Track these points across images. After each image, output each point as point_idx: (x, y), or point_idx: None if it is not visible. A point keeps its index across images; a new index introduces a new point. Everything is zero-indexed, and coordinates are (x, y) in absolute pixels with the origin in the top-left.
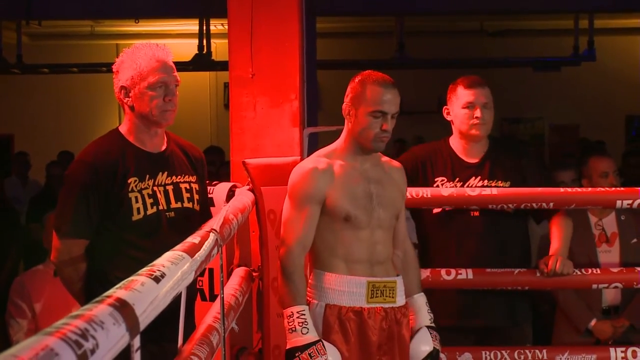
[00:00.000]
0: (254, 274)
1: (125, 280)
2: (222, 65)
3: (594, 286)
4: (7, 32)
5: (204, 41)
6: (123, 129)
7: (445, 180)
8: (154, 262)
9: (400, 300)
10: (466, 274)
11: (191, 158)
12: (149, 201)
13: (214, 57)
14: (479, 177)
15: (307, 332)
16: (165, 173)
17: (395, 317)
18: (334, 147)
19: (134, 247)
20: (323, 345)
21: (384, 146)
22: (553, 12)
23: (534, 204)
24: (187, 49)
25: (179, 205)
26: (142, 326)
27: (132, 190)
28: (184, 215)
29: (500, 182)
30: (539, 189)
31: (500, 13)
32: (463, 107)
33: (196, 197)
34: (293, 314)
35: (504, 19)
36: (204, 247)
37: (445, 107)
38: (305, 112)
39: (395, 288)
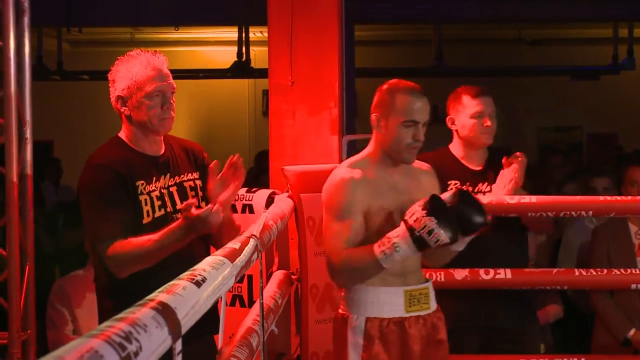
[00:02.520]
0: (292, 277)
1: (167, 284)
2: (261, 73)
3: (633, 286)
4: (47, 39)
5: (243, 48)
6: (122, 135)
7: (459, 184)
8: (195, 267)
9: (434, 304)
10: (505, 273)
11: (190, 154)
12: (157, 203)
13: (253, 64)
14: (485, 183)
15: (397, 233)
16: (168, 175)
17: (433, 322)
18: (365, 156)
19: None
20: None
21: (414, 158)
22: (592, 20)
23: (573, 212)
24: (226, 56)
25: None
26: (184, 330)
27: (142, 193)
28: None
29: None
30: (578, 197)
31: (539, 22)
32: (472, 117)
33: (201, 193)
34: (381, 244)
35: (542, 27)
36: (244, 252)
37: (449, 117)
38: (344, 119)
39: (429, 293)
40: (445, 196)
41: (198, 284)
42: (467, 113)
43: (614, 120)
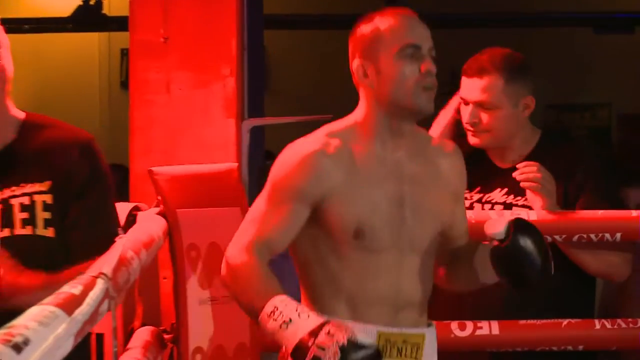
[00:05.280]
0: (165, 336)
1: None
2: (119, 24)
3: None
4: None
5: None
6: None
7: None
8: (13, 323)
9: None
10: (489, 328)
11: (54, 151)
12: None
13: (106, 11)
14: (505, 189)
15: (309, 317)
16: None
17: None
18: (350, 123)
19: None
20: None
21: (432, 104)
22: None
23: (593, 235)
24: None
25: (6, 233)
26: None
27: None
28: (18, 248)
29: None
30: (600, 213)
31: None
32: (464, 104)
33: (44, 215)
34: (277, 308)
35: None
36: (87, 299)
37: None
38: (246, 95)
39: (422, 345)
40: (497, 229)
41: (17, 348)
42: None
43: None
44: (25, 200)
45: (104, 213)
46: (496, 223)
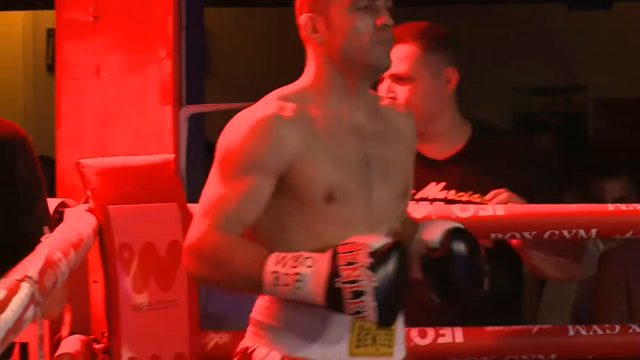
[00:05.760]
0: (95, 346)
1: None
2: (45, 1)
3: None
4: None
5: None
6: None
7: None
8: None
9: (400, 352)
10: (452, 335)
11: None
12: None
13: None
14: (442, 184)
15: (314, 260)
16: None
17: None
18: (302, 85)
19: None
20: None
21: (389, 59)
22: None
23: (566, 232)
24: None
25: None
26: None
27: None
28: None
29: (476, 194)
30: (574, 207)
31: None
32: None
33: None
34: (277, 272)
35: None
36: (11, 305)
37: None
38: (184, 79)
39: (394, 332)
40: (432, 236)
41: None
42: None
43: (638, 77)
44: None
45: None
46: (433, 228)
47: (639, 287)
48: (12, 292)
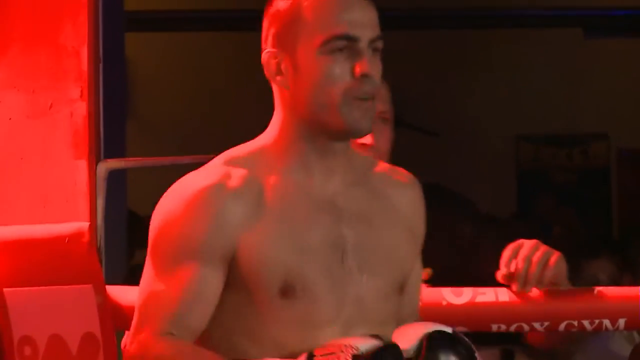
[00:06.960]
0: None
1: None
2: None
3: None
4: None
5: None
6: None
7: None
8: None
9: None
10: None
11: None
12: None
13: None
14: None
15: None
16: None
17: None
18: (261, 144)
19: None
20: None
21: (368, 121)
22: None
23: (586, 322)
24: None
25: None
26: None
27: None
28: None
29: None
30: (597, 290)
31: None
32: None
33: None
34: None
35: None
36: None
37: None
38: (102, 126)
39: None
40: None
41: None
42: None
43: None
44: None
45: None
46: (406, 334)
47: None
48: None
